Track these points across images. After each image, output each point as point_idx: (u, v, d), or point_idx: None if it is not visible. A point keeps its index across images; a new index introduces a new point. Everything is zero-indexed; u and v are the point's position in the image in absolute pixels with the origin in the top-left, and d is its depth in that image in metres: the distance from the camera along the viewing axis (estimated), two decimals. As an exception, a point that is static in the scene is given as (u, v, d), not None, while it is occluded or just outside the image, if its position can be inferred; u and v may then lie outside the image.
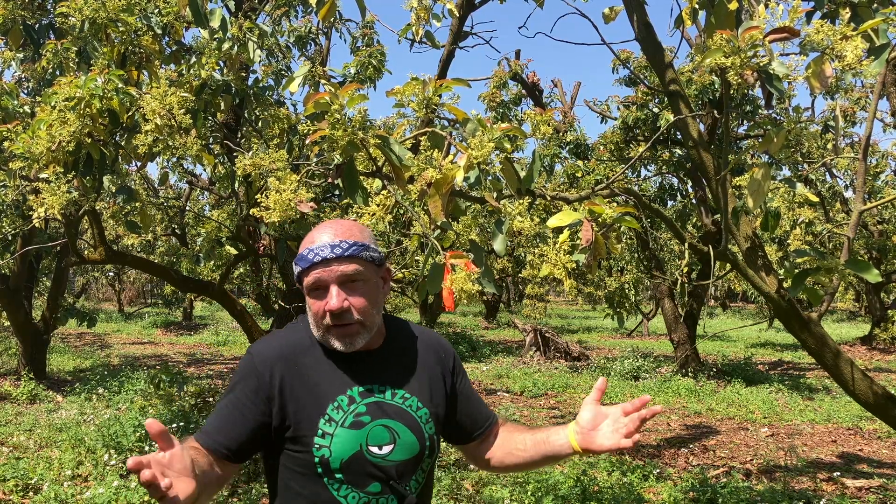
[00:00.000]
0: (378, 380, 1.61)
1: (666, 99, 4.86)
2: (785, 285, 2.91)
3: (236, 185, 5.56)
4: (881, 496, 5.15)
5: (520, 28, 4.99)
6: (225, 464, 1.52)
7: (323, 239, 1.55)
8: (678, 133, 8.20)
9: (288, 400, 1.53)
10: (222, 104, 4.80)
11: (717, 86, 8.71)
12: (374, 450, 1.53)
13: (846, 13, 2.59)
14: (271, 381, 1.54)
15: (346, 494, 1.52)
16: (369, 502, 1.53)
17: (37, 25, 4.75)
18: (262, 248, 6.89)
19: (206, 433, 1.53)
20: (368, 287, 1.57)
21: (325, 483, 1.52)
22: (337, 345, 1.55)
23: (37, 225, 3.66)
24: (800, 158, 9.80)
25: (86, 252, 6.01)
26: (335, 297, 1.51)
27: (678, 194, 11.04)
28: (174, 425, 5.80)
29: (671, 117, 3.32)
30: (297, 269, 1.58)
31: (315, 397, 1.54)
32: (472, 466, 5.69)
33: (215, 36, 4.54)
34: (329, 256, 1.52)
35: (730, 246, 3.16)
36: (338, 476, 1.51)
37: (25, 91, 6.35)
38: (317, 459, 1.51)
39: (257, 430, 1.54)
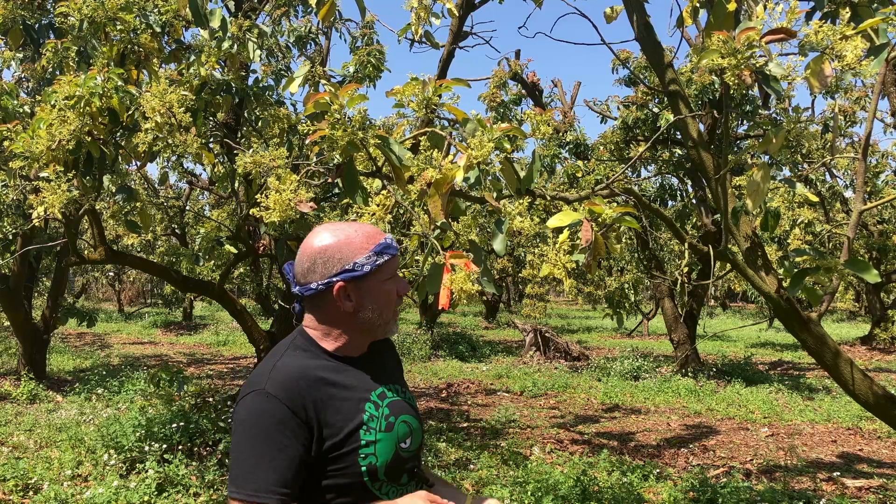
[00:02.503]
0: (381, 380, 1.67)
1: (666, 99, 4.86)
2: (784, 285, 2.91)
3: (236, 184, 5.56)
4: (881, 496, 5.15)
5: (520, 28, 4.99)
6: None
7: (381, 233, 1.66)
8: (678, 133, 8.20)
9: (325, 423, 1.52)
10: (222, 104, 4.80)
11: (716, 86, 8.71)
12: (403, 445, 1.61)
13: (846, 13, 2.59)
14: (305, 412, 1.50)
15: (388, 491, 1.57)
16: (400, 491, 1.60)
17: (37, 25, 4.75)
18: (262, 248, 6.89)
19: (271, 492, 1.44)
20: None
21: (369, 487, 1.55)
22: (394, 328, 1.68)
23: (37, 224, 3.66)
24: (800, 158, 9.81)
25: (86, 252, 6.01)
26: (404, 280, 1.66)
27: (678, 194, 11.04)
28: (174, 425, 5.80)
29: (671, 117, 3.32)
30: (381, 260, 1.61)
31: (348, 411, 1.55)
32: (471, 466, 5.69)
33: (215, 35, 4.54)
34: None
35: (730, 246, 3.16)
36: (382, 478, 1.55)
37: (25, 91, 6.36)
38: (364, 468, 1.53)
39: (304, 466, 1.50)
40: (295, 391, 1.50)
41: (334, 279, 1.58)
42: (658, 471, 5.53)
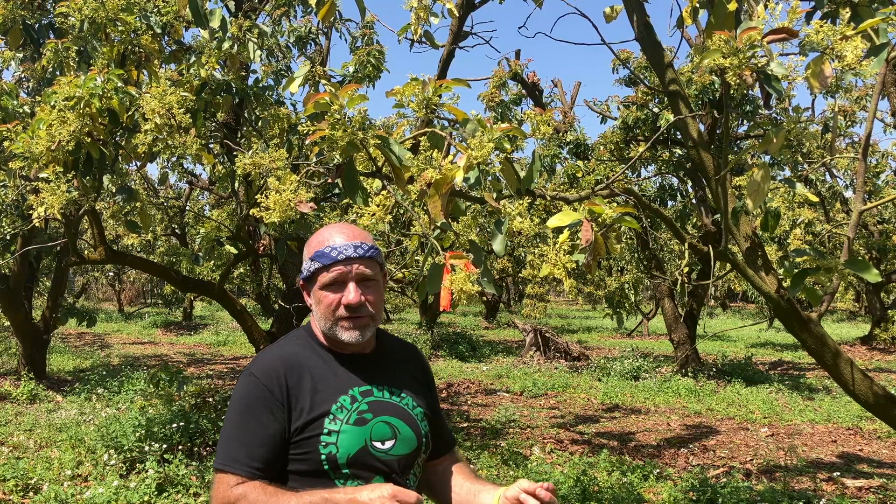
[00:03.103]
0: (375, 380, 1.69)
1: (666, 99, 4.86)
2: (784, 285, 2.91)
3: (236, 184, 5.56)
4: (881, 496, 5.15)
5: (520, 28, 4.99)
6: None
7: (340, 239, 1.65)
8: (678, 133, 8.19)
9: (295, 405, 1.59)
10: (222, 104, 4.80)
11: (717, 86, 8.70)
12: (378, 444, 1.60)
13: (846, 13, 2.59)
14: (280, 392, 1.58)
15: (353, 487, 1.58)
16: None
17: (37, 25, 4.75)
18: (262, 248, 6.89)
19: (240, 463, 1.54)
20: (379, 287, 1.68)
21: (332, 480, 1.57)
22: (345, 336, 1.63)
23: (37, 225, 3.66)
24: (800, 158, 9.80)
25: (86, 252, 6.01)
26: (353, 293, 1.62)
27: (678, 194, 11.03)
28: (174, 425, 5.80)
29: (671, 117, 3.32)
30: (313, 266, 1.64)
31: (319, 399, 1.60)
32: (472, 466, 5.69)
33: (215, 36, 4.54)
34: (353, 256, 1.63)
35: (730, 246, 3.16)
36: (345, 472, 1.57)
37: (25, 91, 6.35)
38: (323, 457, 1.56)
39: (281, 443, 1.58)
40: (272, 372, 1.60)
41: (300, 278, 1.72)
42: (658, 471, 5.52)
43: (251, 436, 1.55)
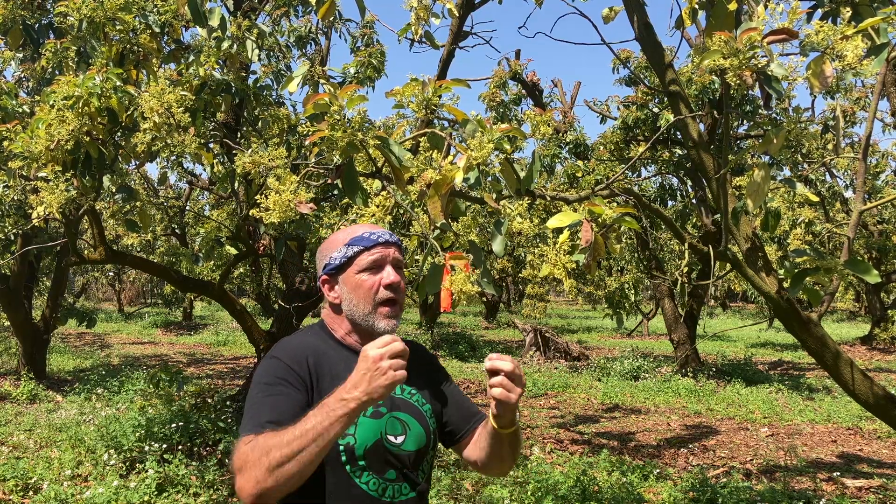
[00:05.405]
0: None
1: (666, 99, 4.86)
2: (785, 285, 2.91)
3: (236, 184, 5.55)
4: (881, 496, 5.14)
5: (520, 28, 4.98)
6: None
7: (370, 228, 1.71)
8: (678, 133, 8.19)
9: (317, 389, 1.61)
10: (222, 104, 4.79)
11: (717, 86, 8.70)
12: (392, 439, 1.64)
13: (847, 12, 2.59)
14: (304, 372, 1.60)
15: (368, 480, 1.60)
16: (387, 488, 1.62)
17: (37, 25, 4.74)
18: (261, 248, 6.89)
19: (264, 426, 1.48)
20: (404, 277, 1.73)
21: (347, 471, 1.58)
22: (382, 324, 1.66)
23: (36, 224, 3.66)
24: (800, 158, 9.79)
25: (86, 252, 6.01)
26: (393, 274, 1.68)
27: (678, 194, 11.03)
28: (174, 425, 5.79)
29: (671, 117, 3.32)
30: (352, 250, 1.67)
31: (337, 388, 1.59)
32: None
33: (214, 35, 4.54)
34: (390, 240, 1.71)
35: (730, 246, 3.15)
36: (360, 463, 1.59)
37: (25, 91, 6.35)
38: (342, 448, 1.58)
39: (304, 410, 1.53)
40: (295, 352, 1.63)
41: (321, 273, 1.74)
42: (658, 471, 5.52)
43: (275, 402, 1.52)
